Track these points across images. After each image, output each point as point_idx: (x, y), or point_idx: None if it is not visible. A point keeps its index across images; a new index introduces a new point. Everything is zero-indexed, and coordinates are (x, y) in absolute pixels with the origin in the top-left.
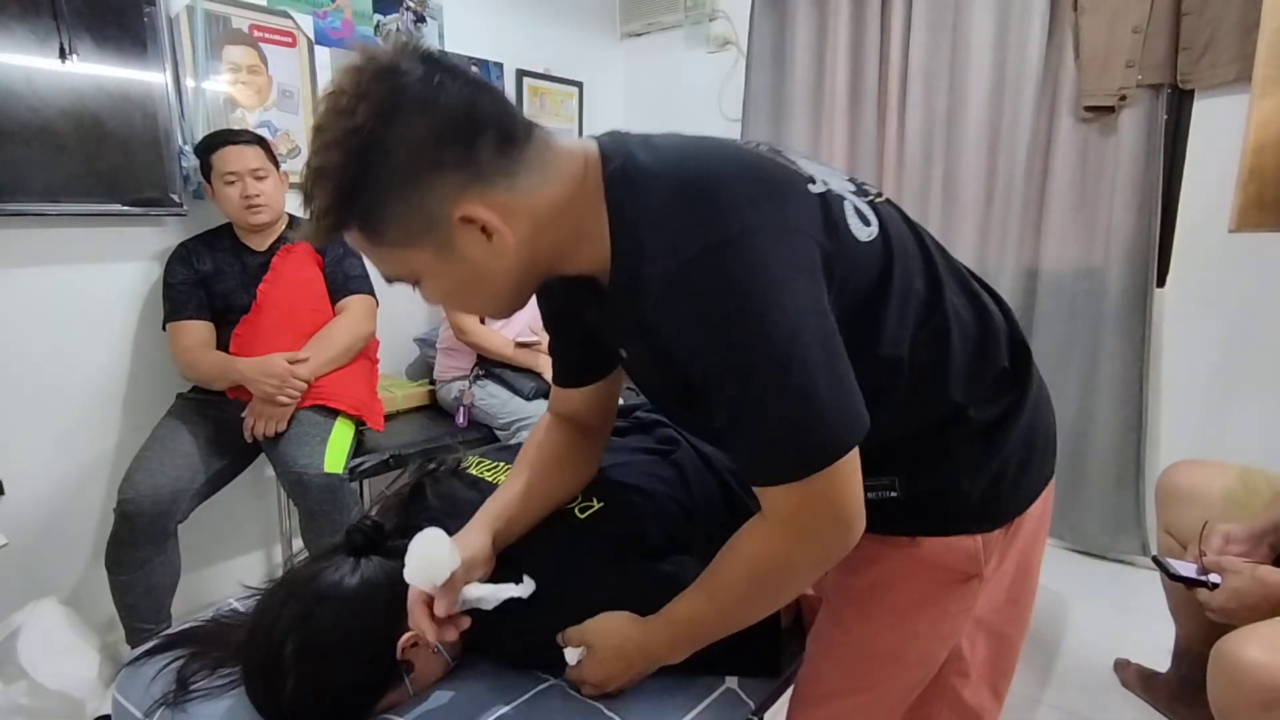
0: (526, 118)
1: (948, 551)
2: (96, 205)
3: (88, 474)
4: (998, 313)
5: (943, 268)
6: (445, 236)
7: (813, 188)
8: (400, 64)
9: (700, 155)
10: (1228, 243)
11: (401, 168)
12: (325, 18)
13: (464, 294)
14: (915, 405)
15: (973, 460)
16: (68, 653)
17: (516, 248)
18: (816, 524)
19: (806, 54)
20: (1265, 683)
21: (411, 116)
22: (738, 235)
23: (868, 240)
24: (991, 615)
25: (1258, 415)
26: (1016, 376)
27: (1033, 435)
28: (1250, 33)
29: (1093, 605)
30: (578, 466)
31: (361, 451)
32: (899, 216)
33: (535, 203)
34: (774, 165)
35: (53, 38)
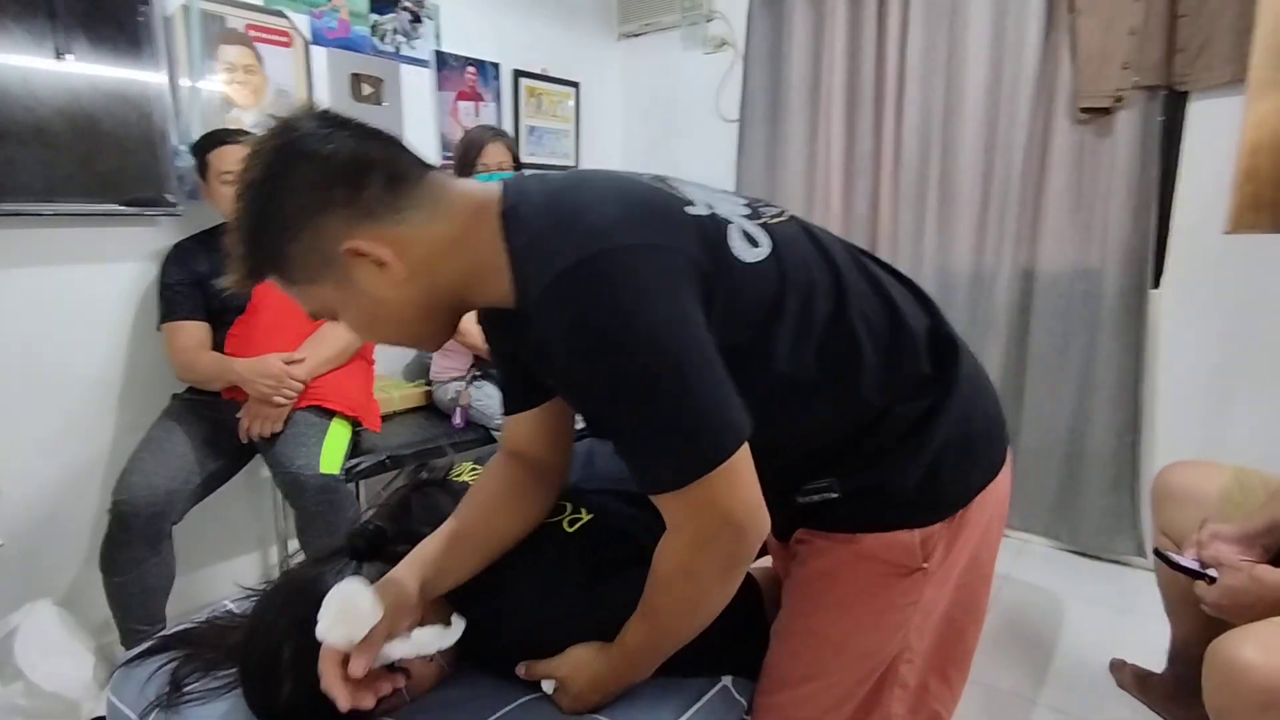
0: (424, 162)
1: (887, 547)
2: (92, 205)
3: (82, 475)
4: (917, 314)
5: (851, 280)
6: (342, 271)
7: (691, 209)
8: (293, 123)
9: (578, 185)
10: (1223, 244)
11: (293, 212)
12: (321, 17)
13: (375, 324)
14: (833, 413)
15: (903, 457)
16: (63, 654)
17: (412, 278)
18: (707, 530)
19: (803, 54)
20: (1260, 683)
21: (299, 166)
22: (604, 251)
23: (755, 261)
24: (941, 604)
25: (1253, 416)
26: (941, 373)
27: (968, 425)
28: (1245, 35)
29: (1089, 606)
30: (525, 509)
31: (358, 452)
32: (802, 234)
33: (427, 236)
34: (650, 190)
35: (48, 37)
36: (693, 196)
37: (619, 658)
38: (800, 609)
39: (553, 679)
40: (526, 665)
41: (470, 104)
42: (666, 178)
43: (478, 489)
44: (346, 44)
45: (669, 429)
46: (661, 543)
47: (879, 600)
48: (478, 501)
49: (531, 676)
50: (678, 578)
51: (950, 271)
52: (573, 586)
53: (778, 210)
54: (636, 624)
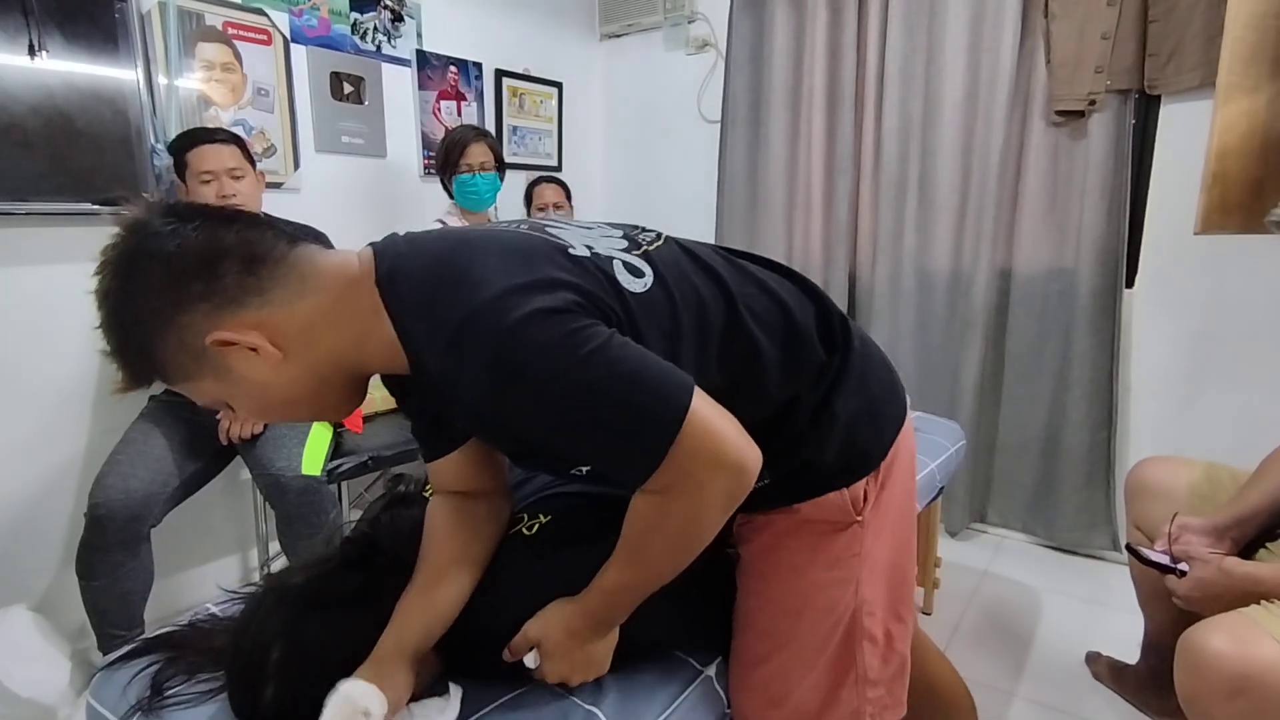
0: (291, 238)
1: (822, 509)
2: (66, 204)
3: (57, 478)
4: (804, 304)
5: (736, 285)
6: (214, 363)
7: (571, 251)
8: (139, 224)
9: (450, 242)
10: (1193, 244)
11: (151, 317)
12: (301, 15)
13: (268, 407)
14: (747, 413)
15: (821, 432)
16: (39, 660)
17: (289, 358)
18: (704, 476)
19: (784, 56)
20: (1229, 672)
21: (148, 269)
22: (491, 299)
23: (644, 290)
24: (884, 553)
25: (1223, 412)
26: (833, 354)
27: (867, 390)
28: (1214, 40)
29: (1064, 599)
30: (482, 536)
31: (339, 454)
32: (681, 253)
33: (297, 313)
34: (527, 238)
35: (22, 34)
36: (569, 239)
37: (595, 599)
38: (755, 586)
39: (533, 648)
40: (509, 647)
41: (452, 103)
42: (543, 224)
43: (429, 535)
44: (327, 42)
45: (619, 416)
46: (649, 499)
47: (824, 556)
48: (434, 547)
49: (514, 654)
50: (679, 527)
51: (929, 272)
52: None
53: (654, 235)
54: (617, 568)
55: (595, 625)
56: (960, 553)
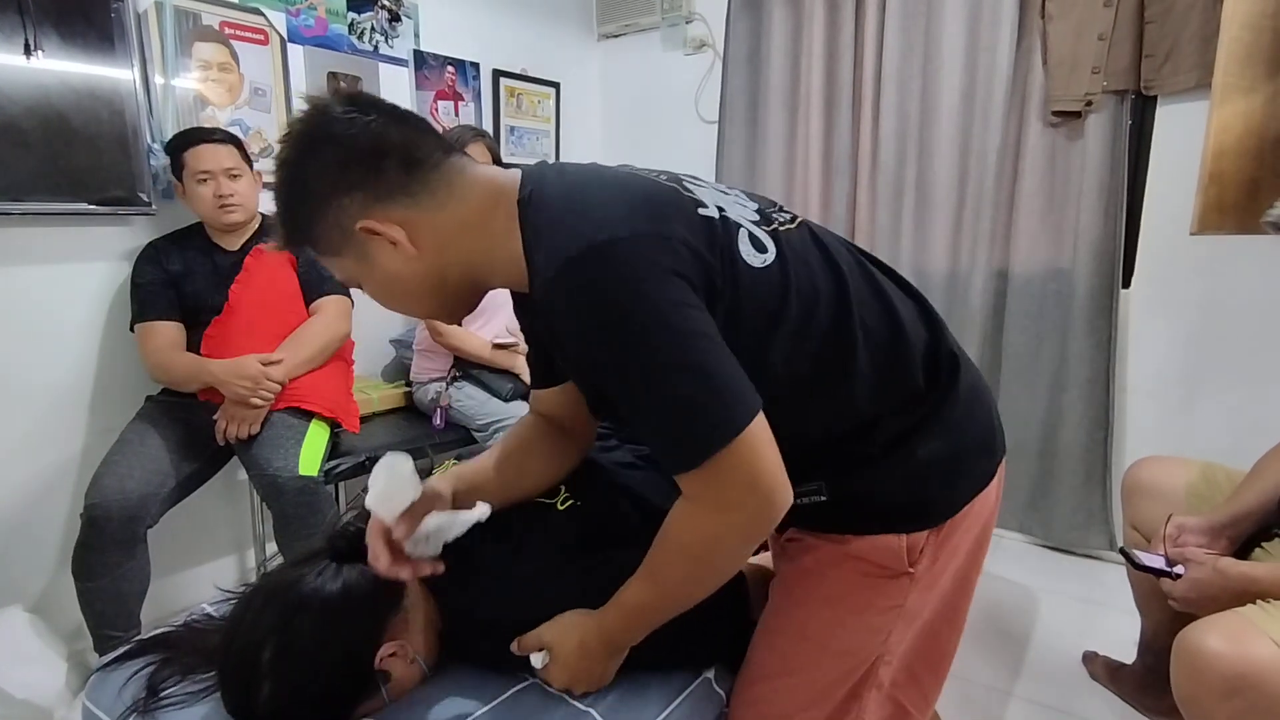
0: (449, 147)
1: (874, 549)
2: (62, 204)
3: (53, 479)
4: (918, 327)
5: (855, 289)
6: (359, 246)
7: (702, 211)
8: (324, 106)
9: (592, 178)
10: (1190, 245)
11: (316, 190)
12: (298, 15)
13: (391, 296)
14: (824, 416)
15: (893, 465)
16: (34, 661)
17: (421, 257)
18: (733, 497)
19: (782, 57)
20: (1225, 671)
21: (322, 148)
22: (611, 239)
23: (761, 266)
24: (924, 611)
25: (1220, 412)
26: (935, 387)
27: (961, 438)
28: (1210, 41)
29: (1061, 599)
30: (551, 456)
31: (337, 454)
32: (810, 241)
33: (438, 219)
34: (661, 188)
35: (18, 34)
36: (704, 198)
37: (613, 618)
38: (785, 604)
39: (542, 649)
40: (519, 640)
41: (450, 103)
42: (682, 177)
43: (511, 434)
44: (323, 42)
45: (683, 405)
46: (679, 511)
47: (861, 599)
48: (512, 443)
49: (524, 649)
50: (701, 545)
51: (927, 272)
52: (559, 562)
53: (790, 215)
54: (637, 585)
55: (609, 646)
56: None
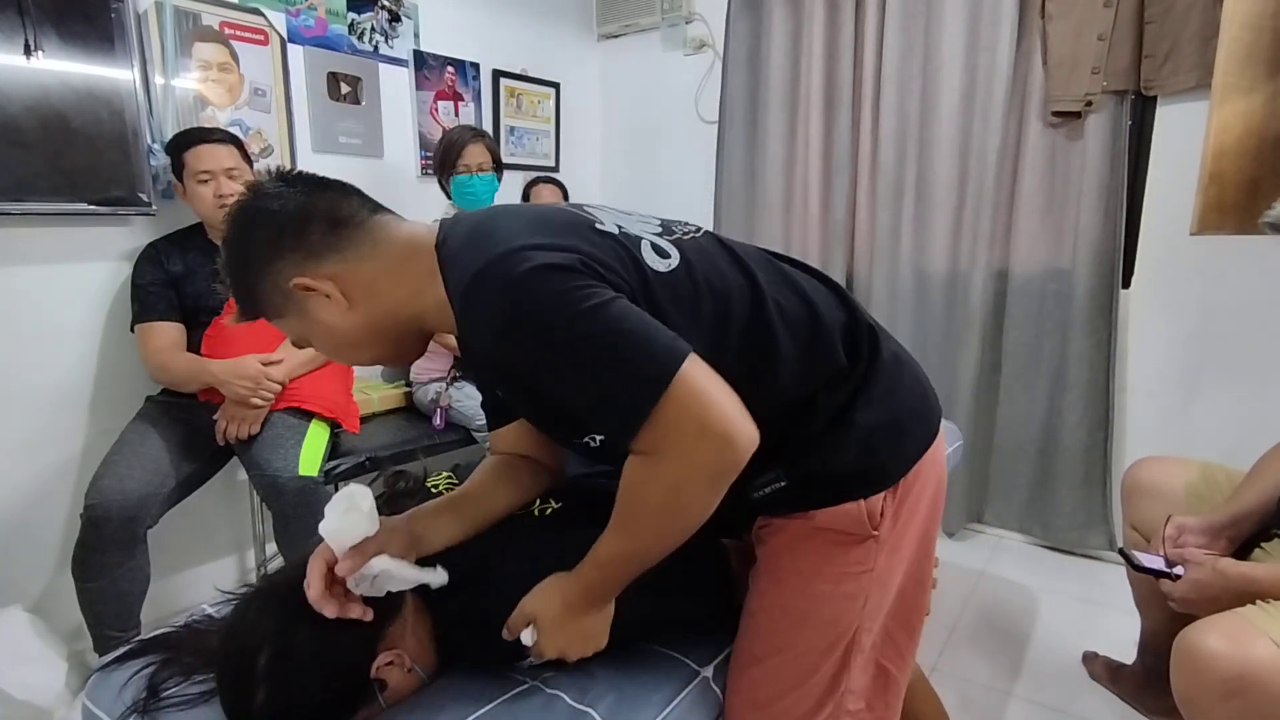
0: (375, 207)
1: (837, 518)
2: (62, 204)
3: (53, 479)
4: (834, 308)
5: (766, 281)
6: (299, 305)
7: (600, 227)
8: (256, 185)
9: (497, 212)
10: (1190, 245)
11: (255, 260)
12: (298, 15)
13: (336, 348)
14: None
15: (839, 438)
16: (34, 661)
17: (354, 307)
18: (688, 443)
19: (782, 57)
20: (1225, 672)
21: (255, 223)
22: (506, 252)
23: (667, 270)
24: (895, 574)
25: (1219, 412)
26: (858, 362)
27: (895, 402)
28: (1210, 41)
29: (1061, 599)
30: (518, 486)
31: (337, 454)
32: (715, 245)
33: (365, 271)
34: (560, 212)
35: (18, 34)
36: (603, 218)
37: (589, 571)
38: (764, 586)
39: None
40: (506, 625)
41: (449, 104)
42: (583, 205)
43: (477, 471)
44: (323, 42)
45: (611, 370)
46: (635, 466)
47: (835, 567)
48: (475, 479)
49: (512, 631)
50: (664, 495)
51: (926, 273)
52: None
53: (694, 227)
54: (610, 538)
55: (590, 597)
56: (957, 553)
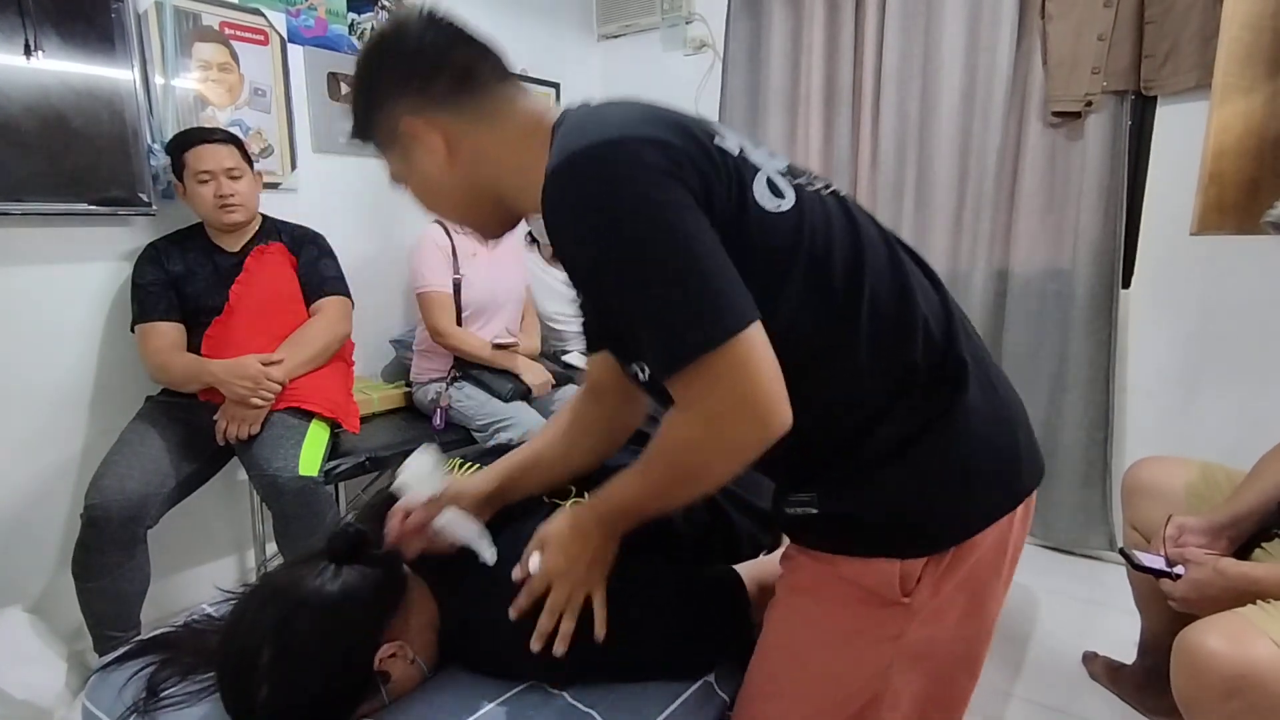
0: (506, 75)
1: (863, 572)
2: (62, 204)
3: (53, 479)
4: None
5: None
6: (404, 145)
7: (719, 142)
8: (404, 18)
9: (618, 102)
10: (1190, 245)
11: (377, 88)
12: (298, 16)
13: (426, 197)
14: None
15: (885, 480)
16: (34, 661)
17: (455, 167)
18: (722, 409)
19: (782, 57)
20: (1225, 672)
21: (389, 53)
22: (611, 140)
23: (775, 210)
24: (931, 649)
25: (1220, 413)
26: (937, 393)
27: (967, 460)
28: (1210, 41)
29: (1062, 599)
30: (601, 432)
31: (337, 454)
32: (837, 206)
33: (479, 135)
34: (683, 115)
35: (18, 34)
36: (728, 136)
37: (601, 501)
38: (775, 624)
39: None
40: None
41: None
42: (715, 123)
43: (555, 419)
44: (323, 42)
45: (674, 302)
46: (672, 417)
47: (849, 626)
48: (554, 430)
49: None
50: (684, 451)
51: None
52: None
53: (825, 182)
54: (627, 478)
55: (599, 522)
56: None
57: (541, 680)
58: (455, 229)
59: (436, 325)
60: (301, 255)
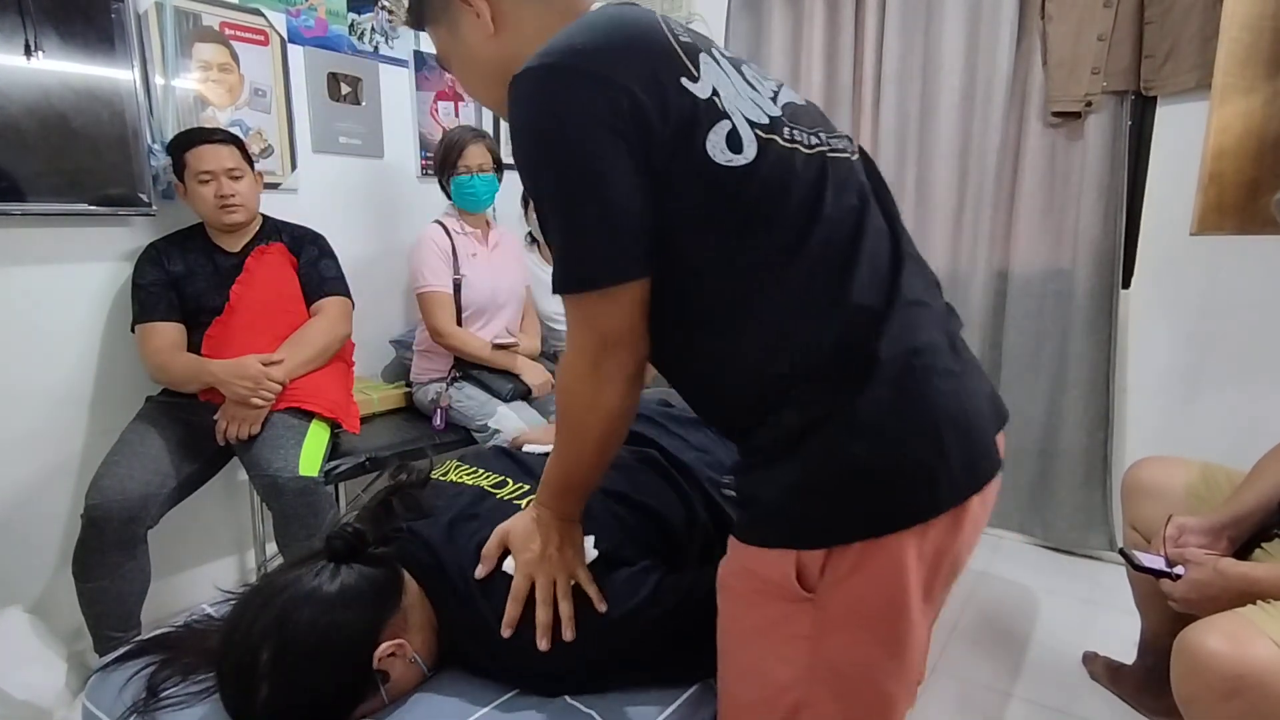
0: None
1: (763, 562)
2: (62, 205)
3: (53, 479)
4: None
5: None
6: (452, 15)
7: (686, 82)
8: None
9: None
10: (1190, 245)
11: None
12: (298, 16)
13: (468, 74)
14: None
15: (781, 468)
16: (34, 661)
17: (497, 39)
18: (584, 342)
19: (782, 58)
20: (1225, 672)
21: None
22: (560, 67)
23: (724, 164)
24: (853, 653)
25: (1220, 413)
26: (838, 387)
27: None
28: (1210, 42)
29: (1062, 599)
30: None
31: (337, 454)
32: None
33: (522, 11)
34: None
35: (18, 34)
36: (705, 74)
37: (543, 491)
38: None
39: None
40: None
41: (450, 104)
42: (710, 49)
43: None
44: (324, 43)
45: (571, 237)
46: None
47: (761, 618)
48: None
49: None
50: (562, 385)
51: None
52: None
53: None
54: (551, 457)
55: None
56: None
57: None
58: (455, 229)
59: (436, 325)
60: (302, 255)
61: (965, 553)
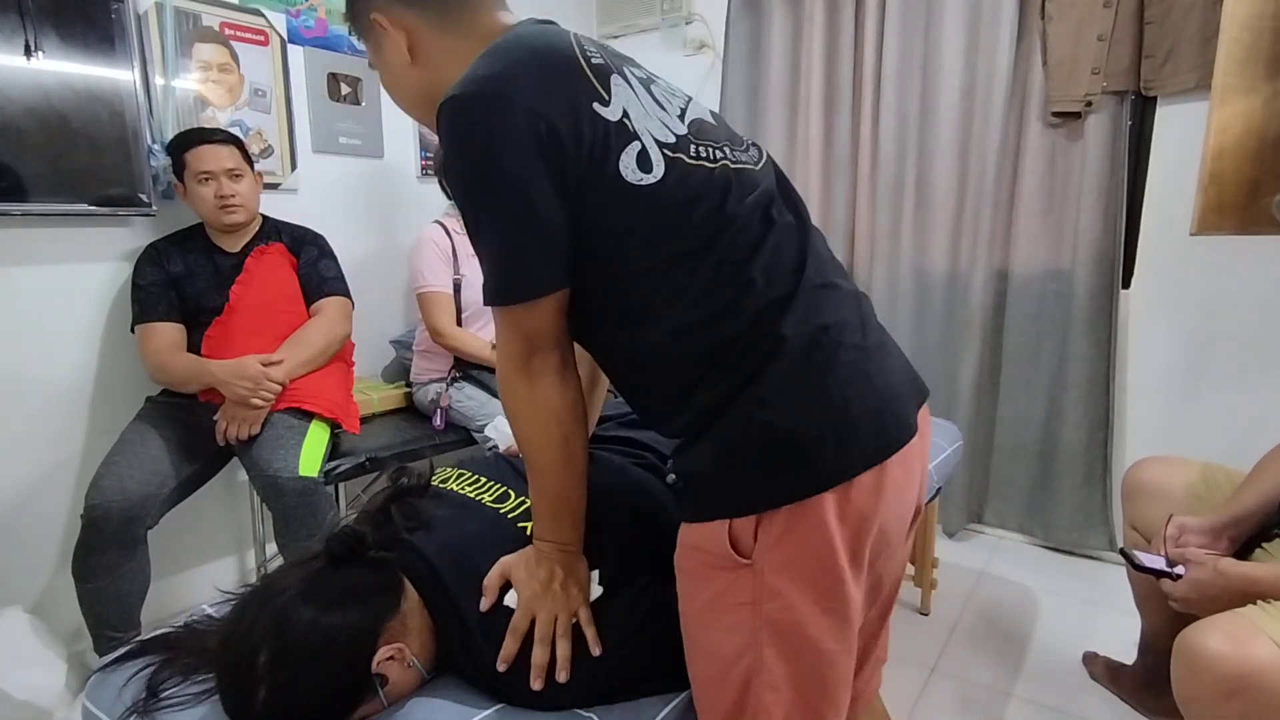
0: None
1: (701, 534)
2: (62, 205)
3: (53, 480)
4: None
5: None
6: (376, 37)
7: (598, 107)
8: None
9: (524, 38)
10: (1190, 245)
11: None
12: (298, 16)
13: (392, 90)
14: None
15: (700, 443)
16: (34, 662)
17: (414, 65)
18: (512, 344)
19: (782, 58)
20: (1226, 672)
21: None
22: (481, 95)
23: (635, 183)
24: (787, 615)
25: (1219, 413)
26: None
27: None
28: (1210, 42)
29: (1062, 600)
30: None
31: (337, 455)
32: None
33: (441, 41)
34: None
35: (18, 34)
36: (616, 96)
37: (536, 524)
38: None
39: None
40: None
41: None
42: (623, 68)
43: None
44: (324, 43)
45: (494, 254)
46: None
47: (710, 592)
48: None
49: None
50: (505, 389)
51: (927, 273)
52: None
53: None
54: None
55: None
56: (958, 553)
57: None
58: (455, 229)
59: (436, 325)
60: (301, 255)
61: (894, 521)
